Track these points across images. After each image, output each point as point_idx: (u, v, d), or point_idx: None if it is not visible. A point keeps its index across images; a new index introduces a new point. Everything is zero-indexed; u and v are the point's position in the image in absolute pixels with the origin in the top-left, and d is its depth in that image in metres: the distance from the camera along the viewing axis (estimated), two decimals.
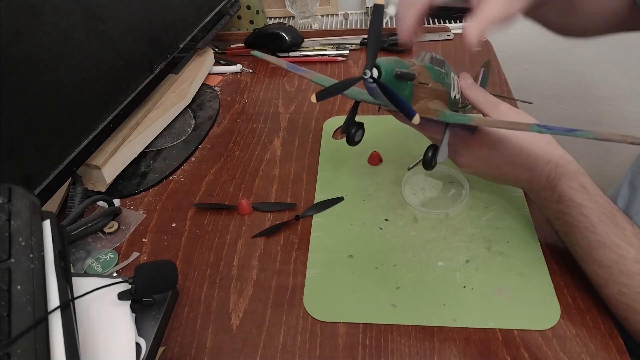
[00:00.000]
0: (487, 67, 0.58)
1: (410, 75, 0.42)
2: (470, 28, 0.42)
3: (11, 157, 0.48)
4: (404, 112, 0.40)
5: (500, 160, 0.48)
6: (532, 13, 0.56)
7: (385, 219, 0.56)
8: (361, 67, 0.84)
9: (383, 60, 0.40)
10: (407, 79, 0.42)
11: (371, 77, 0.39)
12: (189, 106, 0.78)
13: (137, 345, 0.43)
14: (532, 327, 0.45)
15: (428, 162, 0.47)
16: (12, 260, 0.36)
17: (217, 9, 0.86)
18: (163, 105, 0.73)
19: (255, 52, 0.63)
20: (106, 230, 0.58)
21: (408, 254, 0.52)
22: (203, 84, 0.83)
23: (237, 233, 0.57)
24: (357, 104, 0.51)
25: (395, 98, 0.39)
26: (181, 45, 0.76)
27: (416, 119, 0.39)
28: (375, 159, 0.64)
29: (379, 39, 0.38)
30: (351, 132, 0.50)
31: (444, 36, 0.92)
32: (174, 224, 0.59)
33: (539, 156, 0.47)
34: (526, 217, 0.55)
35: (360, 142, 0.51)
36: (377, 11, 0.38)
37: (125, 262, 0.54)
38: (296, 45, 0.90)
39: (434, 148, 0.47)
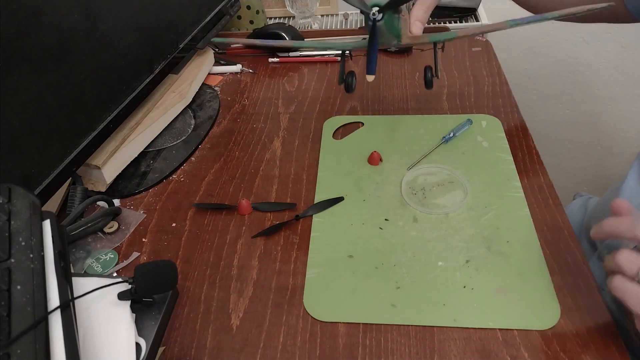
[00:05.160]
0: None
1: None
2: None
3: (11, 157, 0.48)
4: (370, 59, 0.49)
5: None
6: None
7: (385, 219, 0.56)
8: (361, 66, 0.84)
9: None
10: (396, 10, 0.50)
11: (375, 14, 0.47)
12: (189, 106, 0.78)
13: (137, 345, 0.43)
14: (532, 327, 0.45)
15: (429, 81, 0.58)
16: (12, 260, 0.36)
17: (217, 9, 0.86)
18: (163, 105, 0.73)
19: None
20: (106, 230, 0.58)
21: (408, 254, 0.52)
22: (203, 84, 0.83)
23: (237, 233, 0.57)
24: (343, 55, 0.61)
25: (374, 42, 0.48)
26: (181, 45, 0.76)
27: (370, 78, 0.50)
28: (375, 159, 0.64)
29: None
30: (348, 80, 0.58)
31: None
32: (174, 224, 0.59)
33: None
34: (526, 217, 0.55)
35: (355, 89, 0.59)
36: None
37: (125, 262, 0.54)
38: None
39: (430, 68, 0.58)
